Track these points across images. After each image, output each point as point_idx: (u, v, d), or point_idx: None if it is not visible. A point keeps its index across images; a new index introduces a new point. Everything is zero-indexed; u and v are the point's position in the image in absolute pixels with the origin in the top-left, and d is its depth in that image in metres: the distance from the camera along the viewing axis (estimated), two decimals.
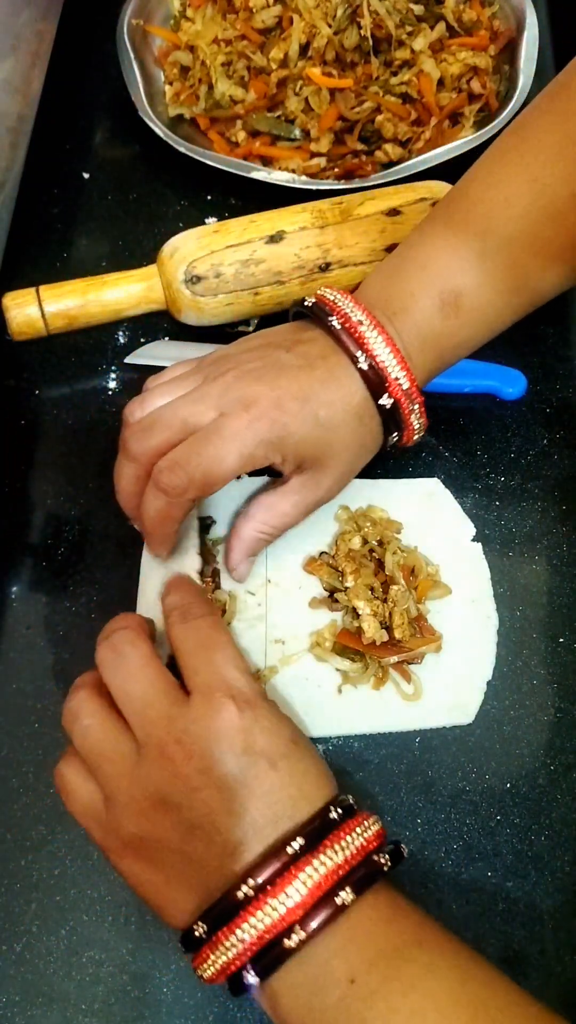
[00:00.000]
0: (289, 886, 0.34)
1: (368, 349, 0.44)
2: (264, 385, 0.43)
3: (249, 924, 0.34)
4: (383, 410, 0.45)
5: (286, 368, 0.44)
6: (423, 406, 0.46)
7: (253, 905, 0.34)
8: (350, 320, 0.44)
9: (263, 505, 0.46)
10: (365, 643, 0.48)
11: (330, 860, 0.35)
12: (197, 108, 0.67)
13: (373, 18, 0.63)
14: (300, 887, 0.34)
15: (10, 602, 0.51)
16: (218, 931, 0.35)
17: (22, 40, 0.63)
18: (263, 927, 0.34)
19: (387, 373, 0.44)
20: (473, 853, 0.45)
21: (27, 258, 0.63)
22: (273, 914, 0.34)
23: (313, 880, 0.34)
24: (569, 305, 0.63)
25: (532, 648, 0.50)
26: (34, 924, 0.44)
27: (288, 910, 0.34)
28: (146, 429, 0.43)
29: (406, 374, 0.44)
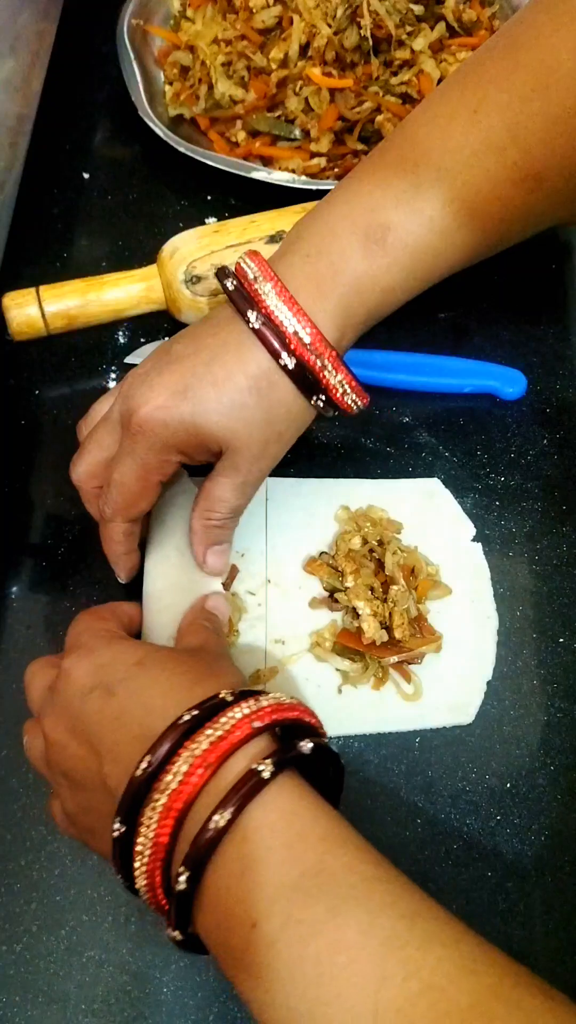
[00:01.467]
0: (150, 811, 0.33)
1: (262, 304, 0.40)
2: (144, 388, 0.41)
3: (137, 863, 0.33)
4: (289, 371, 0.41)
5: (171, 363, 0.41)
6: (338, 361, 0.41)
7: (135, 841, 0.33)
8: (246, 277, 0.41)
9: (202, 494, 0.45)
10: (365, 643, 0.48)
11: (180, 771, 0.32)
12: (197, 108, 0.67)
13: (373, 18, 0.63)
14: (156, 812, 0.32)
15: (10, 602, 0.51)
16: (128, 878, 0.34)
17: (22, 40, 0.63)
18: (146, 862, 0.33)
19: (284, 328, 0.40)
20: (473, 853, 0.45)
21: (27, 258, 0.63)
22: (145, 851, 0.33)
23: (164, 801, 0.32)
24: (569, 305, 0.63)
25: (532, 648, 0.50)
26: (34, 924, 0.44)
27: (154, 842, 0.32)
28: (77, 456, 0.45)
29: (308, 327, 0.40)
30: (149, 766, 0.33)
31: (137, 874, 0.33)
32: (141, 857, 0.33)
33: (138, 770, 0.33)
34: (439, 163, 0.41)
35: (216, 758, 0.32)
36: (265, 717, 0.34)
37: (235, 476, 0.43)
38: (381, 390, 0.57)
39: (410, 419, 0.57)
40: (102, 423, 0.45)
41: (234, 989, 0.39)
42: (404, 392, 0.58)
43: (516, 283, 0.63)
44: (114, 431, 0.44)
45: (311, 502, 0.53)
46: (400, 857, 0.40)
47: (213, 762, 0.32)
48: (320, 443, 0.56)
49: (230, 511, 0.45)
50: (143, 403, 0.41)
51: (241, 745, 0.33)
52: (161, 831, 0.32)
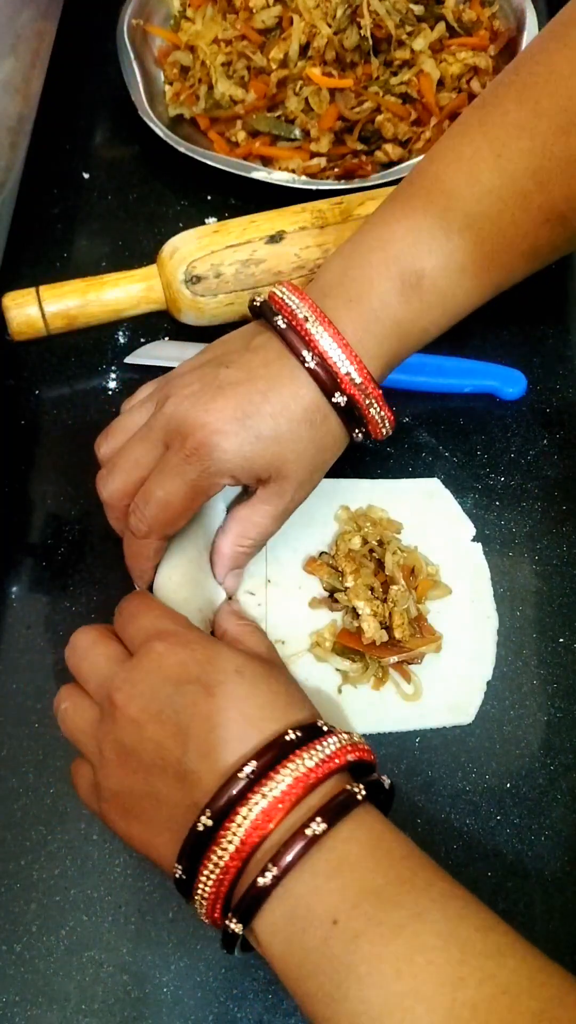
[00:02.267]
0: (246, 812, 0.34)
1: (316, 346, 0.42)
2: (199, 411, 0.41)
3: (214, 857, 0.34)
4: (338, 408, 0.43)
5: (224, 387, 0.42)
6: (382, 399, 0.44)
7: (218, 836, 0.34)
8: (296, 317, 0.43)
9: (237, 519, 0.46)
10: (365, 643, 0.48)
11: (285, 778, 0.34)
12: (197, 108, 0.67)
13: (373, 18, 0.63)
14: (254, 814, 0.34)
15: (10, 602, 0.51)
16: (194, 869, 0.35)
17: (22, 40, 0.63)
18: (226, 859, 0.34)
19: (337, 369, 0.42)
20: (473, 853, 0.45)
21: (27, 258, 0.63)
22: (230, 847, 0.34)
23: (265, 805, 0.34)
24: (569, 305, 0.63)
25: (532, 648, 0.50)
26: (34, 924, 0.44)
27: (243, 840, 0.33)
28: (107, 474, 0.45)
29: (357, 368, 0.43)
30: (254, 772, 0.34)
31: (211, 867, 0.34)
32: (224, 851, 0.34)
33: (241, 772, 0.34)
34: (466, 209, 0.43)
35: (316, 779, 0.34)
36: (356, 751, 0.36)
37: (279, 504, 0.45)
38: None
39: (410, 419, 0.57)
40: (139, 442, 0.44)
41: (235, 990, 0.39)
42: (404, 392, 0.58)
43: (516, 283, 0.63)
44: (155, 449, 0.43)
45: (311, 502, 0.53)
46: None
47: (313, 781, 0.34)
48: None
49: (263, 537, 0.46)
50: (201, 426, 0.41)
51: (339, 770, 0.35)
52: (252, 832, 0.34)
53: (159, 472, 0.43)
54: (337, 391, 0.43)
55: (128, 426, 0.46)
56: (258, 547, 0.47)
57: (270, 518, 0.45)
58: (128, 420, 0.46)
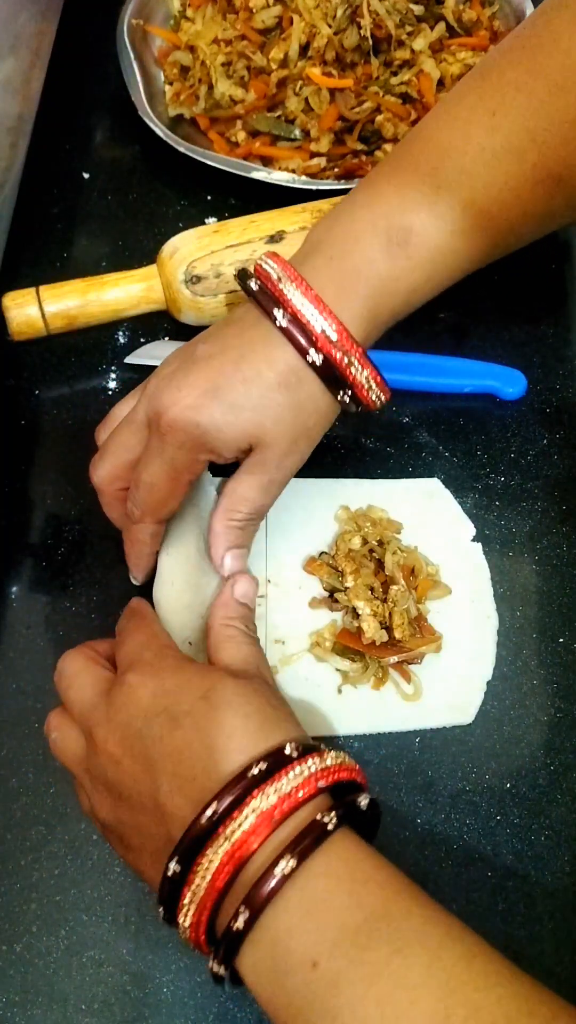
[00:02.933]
0: (212, 854, 0.33)
1: (287, 304, 0.41)
2: (172, 389, 0.41)
3: (187, 901, 0.33)
4: (316, 368, 0.41)
5: (197, 362, 0.42)
6: (364, 357, 0.42)
7: (189, 879, 0.33)
8: (270, 279, 0.42)
9: (225, 493, 0.45)
10: (365, 643, 0.48)
11: (246, 821, 0.33)
12: (197, 108, 0.67)
13: (373, 18, 0.63)
14: (218, 857, 0.33)
15: (10, 602, 0.51)
16: (170, 912, 0.34)
17: (22, 40, 0.63)
18: (198, 902, 0.33)
19: (311, 327, 0.41)
20: (473, 853, 0.45)
21: (27, 258, 0.63)
22: (199, 892, 0.33)
23: (228, 848, 0.33)
24: (569, 305, 0.63)
25: (532, 648, 0.50)
26: (34, 924, 0.44)
27: (211, 884, 0.33)
28: (97, 459, 0.45)
29: (333, 324, 0.41)
30: (214, 815, 0.33)
31: (185, 911, 0.34)
32: (193, 896, 0.33)
33: (203, 817, 0.33)
34: (458, 166, 0.42)
35: (281, 815, 0.33)
36: (329, 777, 0.35)
37: (262, 474, 0.43)
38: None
39: (410, 419, 0.57)
40: (125, 425, 0.44)
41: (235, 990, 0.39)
42: (404, 392, 0.58)
43: (516, 283, 0.63)
44: (139, 432, 0.43)
45: (311, 502, 0.53)
46: (400, 857, 0.40)
47: (278, 818, 0.33)
48: (320, 443, 0.55)
49: (254, 510, 0.45)
50: (172, 403, 0.41)
51: (307, 801, 0.34)
52: (218, 876, 0.33)
53: (144, 455, 0.43)
54: (312, 348, 0.41)
55: (120, 413, 0.46)
56: (252, 522, 0.46)
57: (256, 489, 0.44)
58: (120, 407, 0.47)
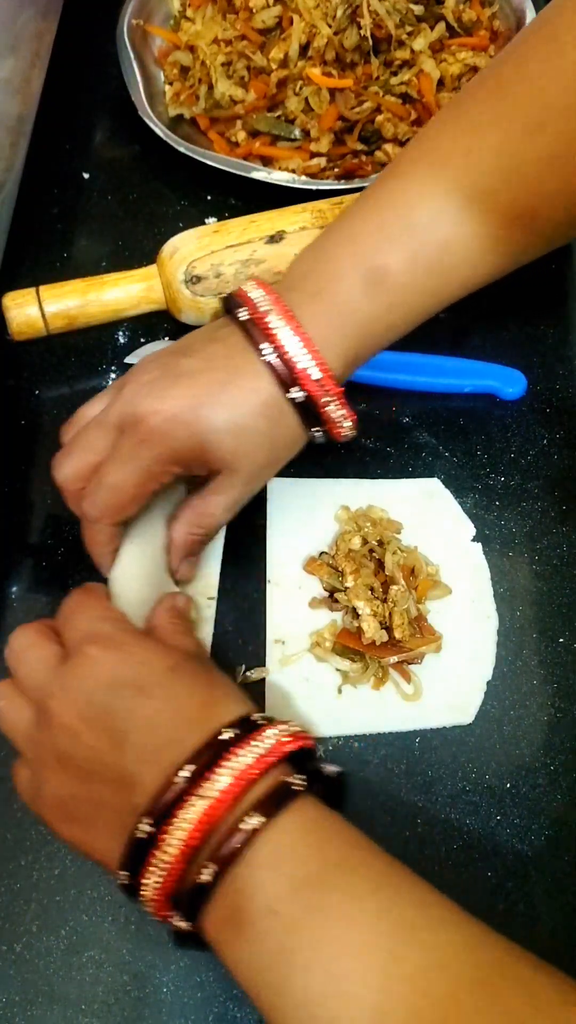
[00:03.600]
0: (184, 814, 0.34)
1: (274, 339, 0.42)
2: (154, 399, 0.41)
3: (156, 861, 0.34)
4: (296, 404, 0.43)
5: (182, 376, 0.42)
6: (342, 397, 0.43)
7: (159, 840, 0.34)
8: (258, 310, 0.43)
9: (190, 506, 0.46)
10: (365, 643, 0.48)
11: (221, 781, 0.34)
12: (197, 108, 0.67)
13: (373, 18, 0.63)
14: (193, 815, 0.33)
15: (10, 602, 0.51)
16: (136, 873, 0.34)
17: (22, 40, 0.63)
18: (169, 861, 0.33)
19: (294, 364, 0.42)
20: (473, 853, 0.45)
21: (27, 258, 0.63)
22: (171, 850, 0.33)
23: (204, 806, 0.33)
24: (569, 305, 0.63)
25: (532, 648, 0.50)
26: (34, 924, 0.44)
27: (185, 843, 0.33)
28: (62, 456, 0.45)
29: (316, 364, 0.42)
30: (192, 775, 0.34)
31: (153, 872, 0.34)
32: (165, 855, 0.34)
33: (177, 776, 0.34)
34: (433, 208, 0.43)
35: (254, 775, 0.34)
36: (296, 742, 0.36)
37: (230, 495, 0.44)
38: (381, 390, 0.57)
39: (410, 419, 0.57)
40: (95, 426, 0.44)
41: (235, 990, 0.39)
42: (404, 392, 0.58)
43: (516, 283, 0.63)
44: (109, 435, 0.43)
45: (311, 502, 0.53)
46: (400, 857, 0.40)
47: (252, 777, 0.34)
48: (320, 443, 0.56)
49: (216, 527, 0.46)
50: (153, 412, 0.41)
51: (277, 764, 0.35)
52: (193, 835, 0.33)
53: (112, 457, 0.43)
54: (295, 386, 0.42)
55: (88, 413, 0.46)
56: (210, 536, 0.47)
57: (221, 508, 0.45)
58: (88, 408, 0.46)
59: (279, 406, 0.43)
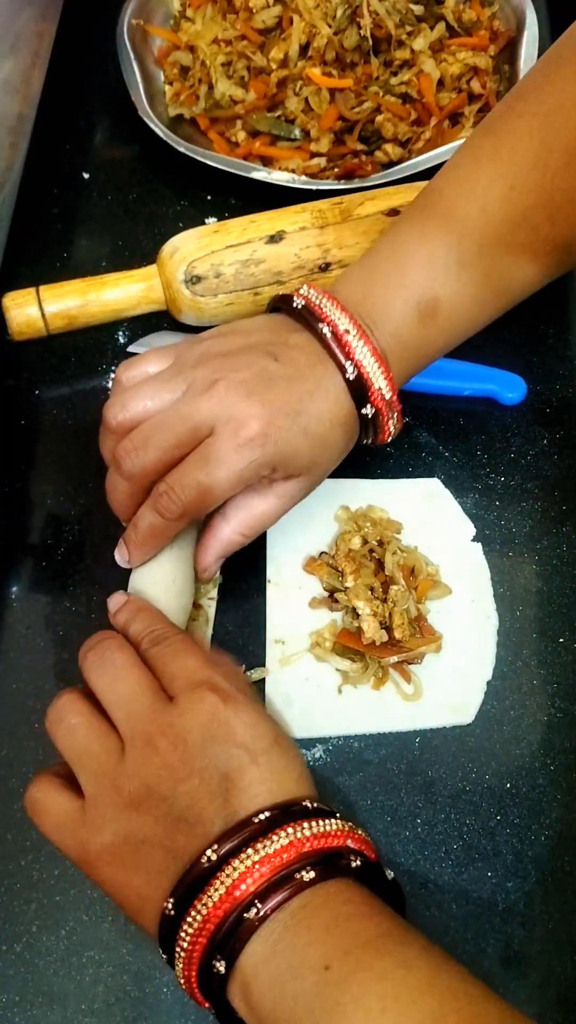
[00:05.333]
0: (245, 854, 0.34)
1: (355, 359, 0.44)
2: (255, 401, 0.42)
3: (208, 895, 0.34)
4: (364, 418, 0.45)
5: (276, 380, 0.43)
6: (401, 413, 0.47)
7: (214, 877, 0.34)
8: (338, 329, 0.44)
9: (242, 507, 0.45)
10: (365, 643, 0.48)
11: (289, 835, 0.35)
12: (197, 108, 0.67)
13: (373, 18, 0.63)
14: (254, 855, 0.34)
15: (10, 602, 0.51)
16: (184, 909, 0.34)
17: (22, 40, 0.63)
18: (220, 895, 0.34)
19: (371, 383, 0.44)
20: (473, 853, 0.45)
21: (27, 258, 0.63)
22: (227, 880, 0.34)
23: (269, 850, 0.34)
24: (569, 306, 0.63)
25: (532, 648, 0.50)
26: (34, 924, 0.44)
27: (241, 875, 0.34)
28: (138, 448, 0.42)
29: (388, 384, 0.45)
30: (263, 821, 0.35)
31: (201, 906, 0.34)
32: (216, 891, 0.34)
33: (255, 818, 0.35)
34: (479, 240, 0.45)
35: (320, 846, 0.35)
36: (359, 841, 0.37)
37: (292, 501, 0.46)
38: None
39: (410, 419, 0.57)
40: (179, 421, 0.42)
41: None
42: (404, 392, 0.57)
43: None
44: (197, 432, 0.42)
45: (311, 502, 0.53)
46: (400, 857, 0.40)
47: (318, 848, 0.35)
48: None
49: (262, 529, 0.47)
50: (255, 416, 0.42)
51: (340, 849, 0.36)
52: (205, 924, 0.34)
53: (202, 457, 0.42)
54: (367, 403, 0.45)
55: (149, 396, 0.44)
56: (251, 540, 0.47)
57: (278, 512, 0.46)
58: (149, 390, 0.44)
59: (351, 420, 0.45)
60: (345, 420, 0.45)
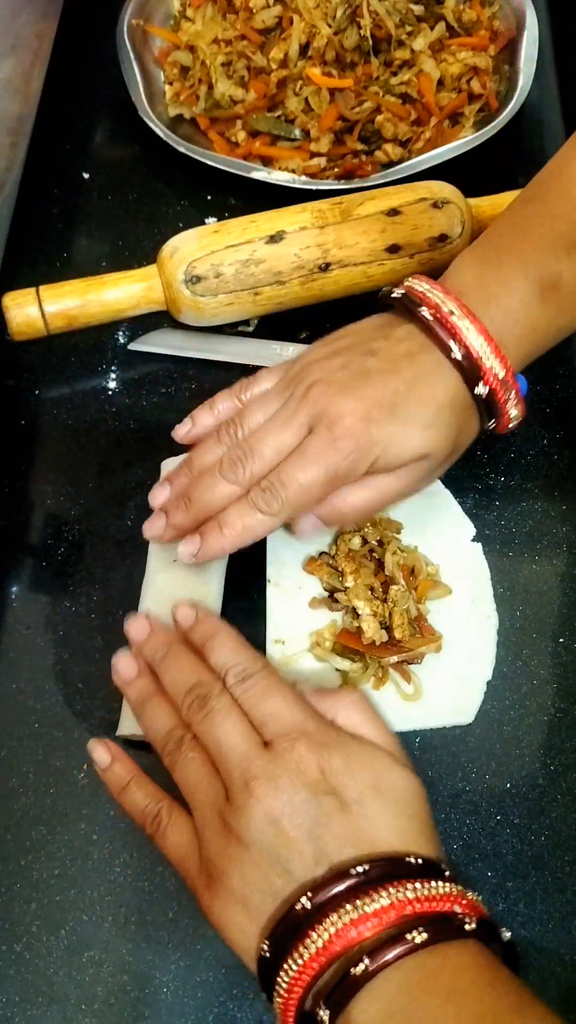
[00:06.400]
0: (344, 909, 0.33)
1: (461, 339, 0.43)
2: (349, 397, 0.42)
3: (310, 939, 0.33)
4: (479, 399, 0.44)
5: (372, 375, 0.43)
6: (519, 394, 0.45)
7: (314, 920, 0.33)
8: (441, 311, 0.44)
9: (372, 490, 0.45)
10: (365, 643, 0.48)
11: (391, 896, 0.33)
12: (197, 108, 0.67)
13: (373, 18, 0.63)
14: (352, 912, 0.33)
15: (10, 602, 0.51)
16: (280, 956, 0.34)
17: (22, 40, 0.64)
18: (317, 947, 0.33)
19: (482, 362, 0.43)
20: (473, 853, 0.45)
21: (27, 258, 0.63)
22: (324, 934, 0.33)
23: (368, 908, 0.33)
24: None
25: (532, 648, 0.50)
26: (34, 924, 0.44)
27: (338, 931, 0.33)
28: (246, 454, 0.44)
29: (500, 362, 0.44)
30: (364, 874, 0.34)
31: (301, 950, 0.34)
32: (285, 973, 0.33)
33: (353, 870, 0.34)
34: None
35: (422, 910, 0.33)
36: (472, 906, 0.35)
37: (408, 489, 0.46)
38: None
39: None
40: (283, 425, 0.44)
41: (235, 990, 0.39)
42: None
43: None
44: (299, 432, 0.43)
45: None
46: None
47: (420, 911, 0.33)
48: None
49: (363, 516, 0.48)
50: (350, 412, 0.42)
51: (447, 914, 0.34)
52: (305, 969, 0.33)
53: (301, 455, 0.43)
54: (479, 383, 0.44)
55: (259, 409, 0.45)
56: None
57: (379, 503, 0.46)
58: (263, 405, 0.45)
59: (463, 401, 0.44)
60: (458, 404, 0.44)
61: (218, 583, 0.49)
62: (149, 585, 0.48)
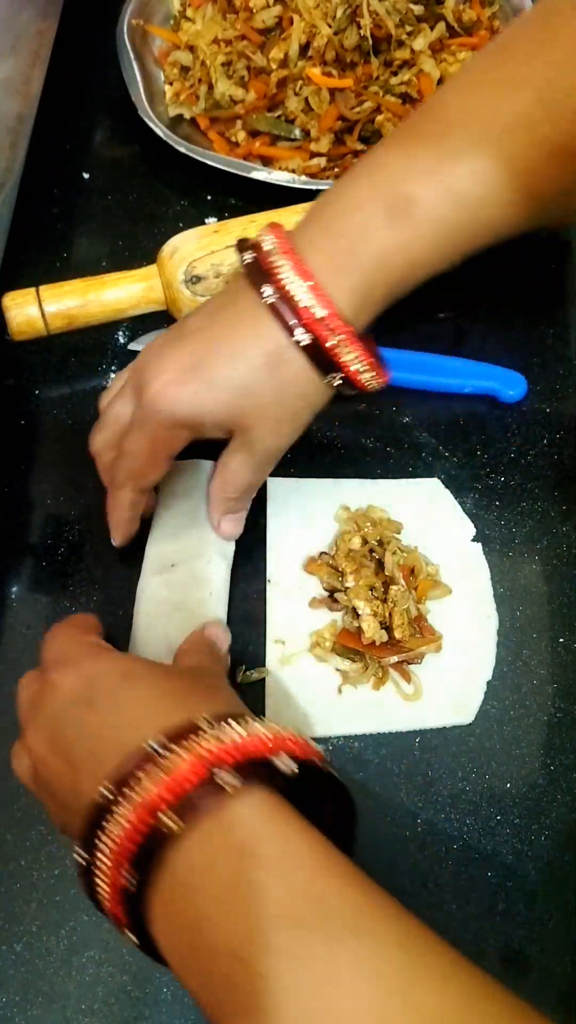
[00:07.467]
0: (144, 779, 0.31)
1: (276, 280, 0.39)
2: (156, 362, 0.42)
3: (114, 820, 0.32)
4: (303, 348, 0.40)
5: (184, 335, 0.42)
6: (353, 337, 0.40)
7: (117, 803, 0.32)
8: (262, 250, 0.40)
9: (219, 466, 0.46)
10: (365, 643, 0.48)
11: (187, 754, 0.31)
12: (197, 108, 0.67)
13: (373, 18, 0.63)
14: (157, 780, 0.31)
15: (10, 602, 0.51)
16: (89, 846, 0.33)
17: (22, 40, 0.64)
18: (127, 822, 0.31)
19: (297, 303, 0.39)
20: (473, 853, 0.45)
21: (27, 258, 0.63)
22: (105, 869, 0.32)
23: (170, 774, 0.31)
24: (569, 306, 0.63)
25: (532, 648, 0.50)
26: (34, 924, 0.44)
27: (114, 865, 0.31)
28: (96, 426, 0.47)
29: (319, 300, 0.39)
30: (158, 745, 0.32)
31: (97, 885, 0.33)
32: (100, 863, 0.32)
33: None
34: (466, 136, 0.40)
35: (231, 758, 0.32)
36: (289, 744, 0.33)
37: (248, 455, 0.44)
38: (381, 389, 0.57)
39: (410, 419, 0.57)
40: (118, 395, 0.45)
41: None
42: (404, 392, 0.58)
43: (516, 283, 0.63)
44: (129, 403, 0.44)
45: (311, 502, 0.53)
46: (400, 857, 0.40)
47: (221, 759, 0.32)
48: (320, 443, 0.55)
49: (245, 487, 0.46)
50: (153, 377, 0.41)
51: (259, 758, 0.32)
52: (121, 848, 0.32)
53: (128, 425, 0.44)
54: (299, 328, 0.39)
55: (120, 383, 0.47)
56: (244, 496, 0.48)
57: (245, 467, 0.45)
58: (121, 378, 0.47)
59: (283, 353, 0.40)
60: (271, 357, 0.40)
61: (219, 585, 0.49)
62: (144, 588, 0.49)
